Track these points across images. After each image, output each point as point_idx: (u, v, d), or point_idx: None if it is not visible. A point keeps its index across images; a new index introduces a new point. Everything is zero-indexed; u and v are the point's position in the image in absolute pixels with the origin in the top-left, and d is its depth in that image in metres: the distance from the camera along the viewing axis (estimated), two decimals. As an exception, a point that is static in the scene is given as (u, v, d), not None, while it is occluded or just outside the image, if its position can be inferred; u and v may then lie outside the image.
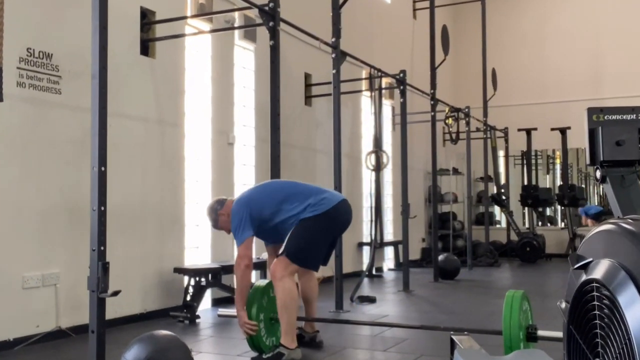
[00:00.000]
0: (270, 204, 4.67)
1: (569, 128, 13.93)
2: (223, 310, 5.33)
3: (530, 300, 4.30)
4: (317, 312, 5.15)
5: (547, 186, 16.11)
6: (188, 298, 6.61)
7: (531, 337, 4.02)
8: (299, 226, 4.58)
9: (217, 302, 7.46)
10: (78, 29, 5.79)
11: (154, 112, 6.81)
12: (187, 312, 6.46)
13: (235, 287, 4.63)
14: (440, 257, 10.30)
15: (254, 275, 7.94)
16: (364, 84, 10.71)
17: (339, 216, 4.72)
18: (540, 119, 14.80)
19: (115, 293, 4.01)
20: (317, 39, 7.32)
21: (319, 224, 4.59)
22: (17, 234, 5.35)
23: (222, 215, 4.84)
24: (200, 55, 7.62)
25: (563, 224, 15.67)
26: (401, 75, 9.10)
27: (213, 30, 7.59)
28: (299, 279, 4.93)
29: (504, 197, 14.29)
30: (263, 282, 4.74)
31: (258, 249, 8.13)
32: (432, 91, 10.51)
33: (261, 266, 7.47)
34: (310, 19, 8.35)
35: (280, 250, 4.59)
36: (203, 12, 7.27)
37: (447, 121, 11.82)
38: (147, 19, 6.80)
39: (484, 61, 14.19)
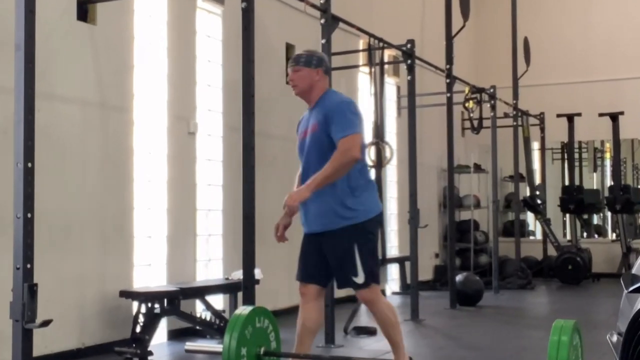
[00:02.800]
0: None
1: (621, 113, 14.01)
2: (191, 345, 5.32)
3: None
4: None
5: (594, 187, 16.21)
6: (138, 329, 6.60)
7: None
8: (364, 236, 4.71)
9: (174, 335, 7.46)
10: (-3, -14, 5.77)
11: (94, 93, 6.80)
12: (136, 347, 6.45)
13: (325, 172, 4.53)
14: (458, 278, 10.33)
15: (223, 300, 7.94)
16: (362, 58, 10.72)
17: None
18: (586, 102, 14.87)
19: (46, 323, 4.01)
20: (301, 0, 7.32)
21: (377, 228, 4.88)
22: None
23: (316, 73, 4.83)
24: (154, 21, 7.62)
25: (614, 235, 15.76)
26: (409, 46, 9.12)
27: (170, -11, 7.58)
28: (305, 304, 4.93)
29: (539, 201, 14.35)
30: (246, 309, 4.75)
31: (227, 268, 8.14)
32: (447, 66, 10.54)
33: (233, 288, 7.48)
34: (293, -25, 8.36)
35: (360, 280, 4.68)
36: (157, -34, 7.27)
37: (467, 104, 11.85)
38: (85, -26, 6.80)
39: (514, 29, 14.23)
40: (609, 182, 15.77)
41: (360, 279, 4.68)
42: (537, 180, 15.36)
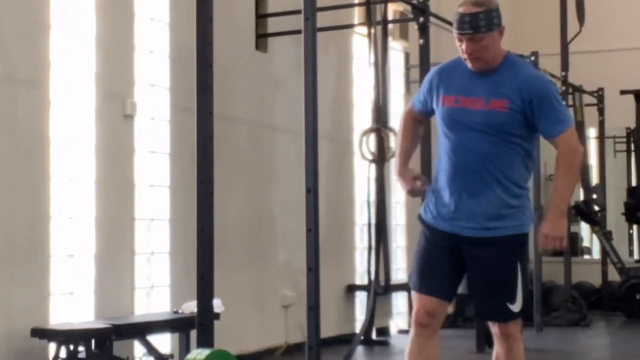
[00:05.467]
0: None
1: None
2: None
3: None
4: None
5: (671, 189, 16.27)
6: (56, 380, 6.64)
7: None
8: (526, 252, 5.03)
9: (105, 388, 7.48)
10: None
11: (-4, 61, 6.83)
12: (54, 405, 6.49)
13: (569, 184, 4.87)
14: (488, 311, 10.37)
15: (171, 341, 7.98)
16: (357, 15, 10.75)
17: None
18: (660, 75, 14.94)
19: None
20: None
21: None
22: None
23: (499, 33, 4.92)
24: (77, -35, 7.65)
25: (699, 253, 15.82)
26: (421, -1, 9.17)
27: None
28: (428, 339, 5.16)
29: (596, 208, 14.38)
30: (201, 354, 4.81)
31: (176, 298, 8.18)
32: (473, 27, 10.58)
33: (185, 325, 7.50)
34: None
35: (517, 308, 4.92)
36: None
37: (499, 78, 11.89)
38: None
39: (563, -24, 14.28)
40: (690, 182, 15.83)
41: (517, 307, 4.89)
42: (594, 179, 15.37)
